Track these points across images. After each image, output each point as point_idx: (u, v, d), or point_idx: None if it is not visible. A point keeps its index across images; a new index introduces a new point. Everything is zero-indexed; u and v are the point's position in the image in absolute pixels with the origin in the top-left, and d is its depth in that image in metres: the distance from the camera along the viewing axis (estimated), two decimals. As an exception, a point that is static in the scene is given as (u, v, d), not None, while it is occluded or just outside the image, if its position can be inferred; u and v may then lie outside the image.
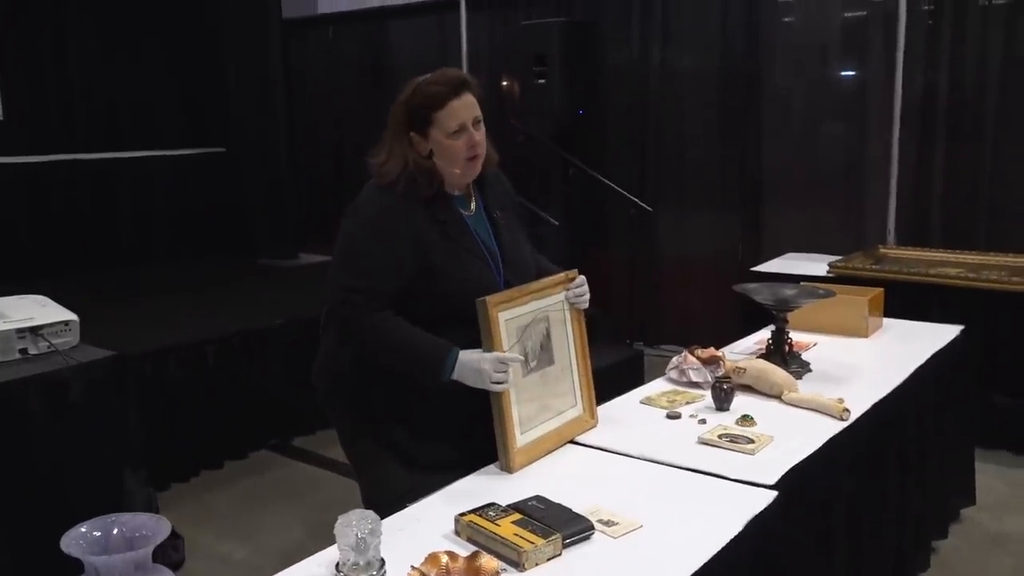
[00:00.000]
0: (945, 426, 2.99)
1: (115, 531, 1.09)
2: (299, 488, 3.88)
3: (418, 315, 2.02)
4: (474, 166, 2.11)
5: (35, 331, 2.95)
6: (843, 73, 5.16)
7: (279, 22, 6.86)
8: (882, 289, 3.27)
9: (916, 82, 4.78)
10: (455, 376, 1.97)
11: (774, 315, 2.72)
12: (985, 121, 4.65)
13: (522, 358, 2.05)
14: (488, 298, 1.98)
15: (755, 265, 4.79)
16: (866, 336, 3.09)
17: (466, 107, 2.06)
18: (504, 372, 1.96)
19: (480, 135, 2.08)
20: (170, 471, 3.89)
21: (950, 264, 4.28)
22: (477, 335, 1.99)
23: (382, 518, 1.66)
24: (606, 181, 5.60)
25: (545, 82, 5.60)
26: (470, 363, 1.96)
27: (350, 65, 7.29)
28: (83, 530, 1.08)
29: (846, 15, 5.06)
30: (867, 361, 2.81)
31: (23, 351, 2.92)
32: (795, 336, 2.93)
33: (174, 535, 3.36)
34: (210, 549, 3.29)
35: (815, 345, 2.99)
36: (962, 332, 3.16)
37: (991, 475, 3.70)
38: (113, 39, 6.80)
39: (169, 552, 3.25)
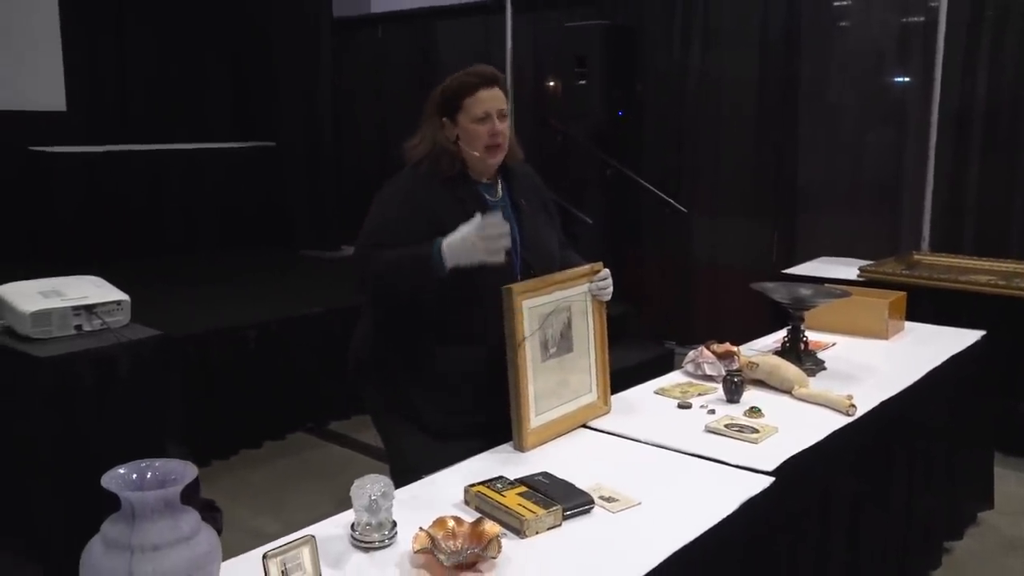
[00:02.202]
0: (962, 429, 3.03)
1: (149, 474, 1.23)
2: (332, 469, 4.05)
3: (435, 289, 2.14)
4: (494, 154, 2.23)
5: (89, 309, 3.14)
6: (881, 80, 5.17)
7: (329, 21, 7.06)
8: (904, 292, 3.31)
9: (954, 90, 4.77)
10: (451, 263, 2.03)
11: (791, 314, 2.79)
12: (1022, 130, 4.63)
13: (506, 224, 2.07)
14: (514, 286, 2.09)
15: (788, 268, 4.85)
16: (886, 338, 3.14)
17: (493, 98, 2.21)
18: (493, 239, 2.02)
19: (503, 126, 2.22)
20: (211, 449, 4.07)
21: (982, 272, 4.28)
22: (492, 309, 2.10)
23: (399, 487, 1.79)
24: (643, 182, 5.67)
25: (585, 83, 5.69)
26: (457, 243, 2.03)
27: (397, 64, 7.44)
28: (121, 471, 1.22)
29: (884, 23, 5.07)
30: (882, 362, 2.86)
31: (78, 327, 3.11)
32: (816, 336, 3.01)
33: (214, 508, 3.52)
34: (245, 523, 3.46)
35: (834, 345, 3.05)
36: (983, 337, 3.19)
37: (1013, 482, 3.71)
38: (169, 37, 7.09)
39: (209, 523, 3.42)
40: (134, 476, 1.22)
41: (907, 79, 5.06)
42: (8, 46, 6.02)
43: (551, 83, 6.26)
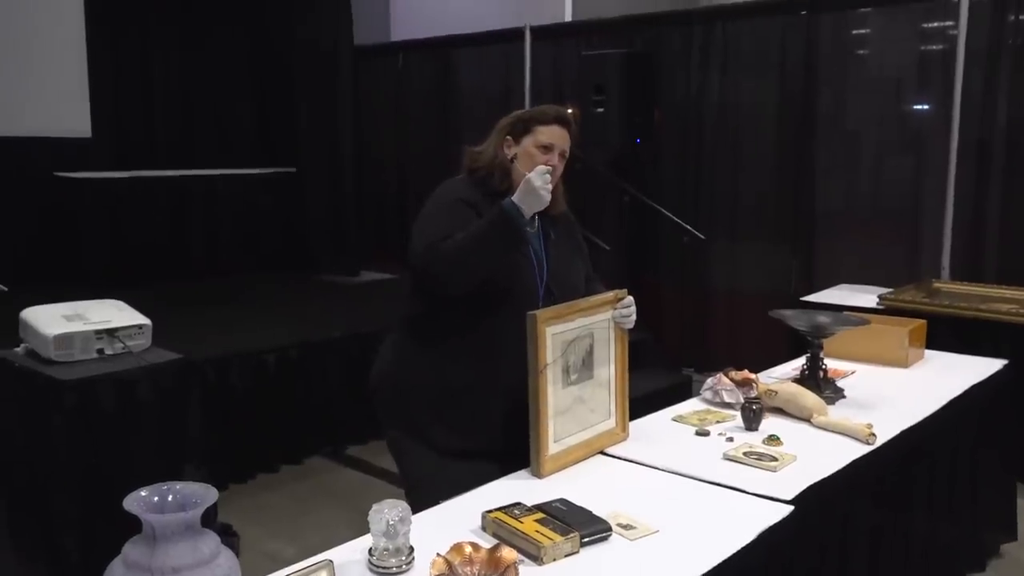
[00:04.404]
0: (984, 459, 2.99)
1: (170, 497, 1.24)
2: (348, 494, 4.05)
3: (461, 301, 2.18)
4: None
5: (111, 333, 3.18)
6: (901, 107, 5.17)
7: (350, 49, 7.15)
8: (924, 321, 3.29)
9: (974, 117, 4.76)
10: (527, 213, 2.10)
11: (810, 341, 2.78)
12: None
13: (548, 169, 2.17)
14: (538, 312, 2.09)
15: (807, 296, 4.83)
16: (906, 366, 3.12)
17: (561, 136, 2.33)
18: (548, 181, 2.12)
19: (559, 165, 2.30)
20: (229, 472, 4.08)
21: (1003, 300, 4.25)
22: (509, 328, 2.12)
23: (417, 508, 1.80)
24: (661, 209, 5.68)
25: (604, 111, 5.72)
26: (526, 196, 2.09)
27: (417, 91, 7.53)
28: (143, 494, 1.24)
29: (903, 50, 5.08)
30: (903, 390, 2.84)
31: (100, 351, 3.15)
32: (836, 364, 3.00)
33: (230, 532, 3.54)
34: (261, 546, 3.47)
35: (853, 373, 3.04)
36: (1005, 366, 3.16)
37: (1037, 513, 3.65)
38: (194, 65, 7.20)
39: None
40: (155, 499, 1.23)
41: (926, 106, 5.06)
42: (34, 72, 6.14)
43: (569, 110, 6.30)
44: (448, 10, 7.64)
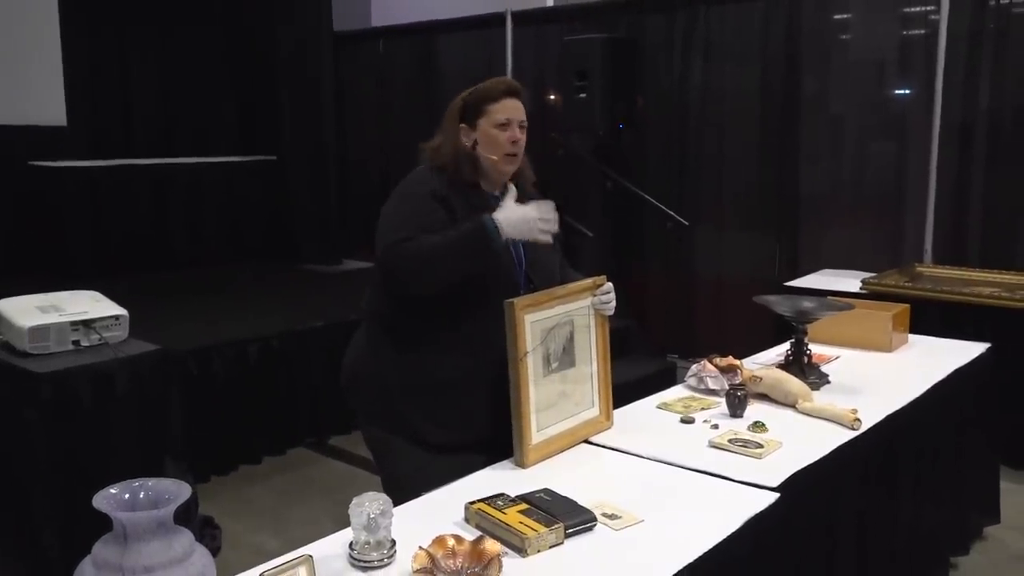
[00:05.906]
0: (968, 442, 3.00)
1: (141, 494, 1.21)
2: (332, 485, 4.02)
3: (439, 293, 2.12)
4: (511, 162, 2.25)
5: (87, 324, 3.12)
6: (883, 92, 5.16)
7: (331, 36, 7.08)
8: (907, 305, 3.29)
9: (956, 101, 4.76)
10: (506, 233, 2.03)
11: (794, 327, 2.77)
12: (1025, 141, 4.62)
13: (555, 211, 2.11)
14: (516, 300, 2.07)
15: (791, 281, 4.83)
16: (890, 351, 3.12)
17: (515, 108, 2.24)
18: (548, 221, 2.07)
19: (522, 137, 2.24)
20: (211, 464, 4.04)
21: (986, 283, 4.26)
22: (493, 318, 2.08)
23: (398, 504, 1.77)
24: (644, 195, 5.66)
25: (586, 96, 5.68)
26: (515, 218, 2.04)
27: (398, 78, 7.45)
28: (113, 491, 1.20)
29: (886, 35, 5.06)
30: (887, 375, 2.84)
31: (76, 343, 3.09)
32: (820, 349, 2.99)
33: (212, 525, 3.50)
34: (244, 539, 3.43)
35: (838, 358, 3.03)
36: (988, 350, 3.16)
37: (1019, 495, 3.66)
38: (171, 52, 7.10)
39: (207, 540, 3.40)
40: (126, 496, 1.20)
41: (909, 91, 5.05)
42: (8, 60, 6.02)
43: (552, 96, 6.26)
44: (428, -5, 7.57)
